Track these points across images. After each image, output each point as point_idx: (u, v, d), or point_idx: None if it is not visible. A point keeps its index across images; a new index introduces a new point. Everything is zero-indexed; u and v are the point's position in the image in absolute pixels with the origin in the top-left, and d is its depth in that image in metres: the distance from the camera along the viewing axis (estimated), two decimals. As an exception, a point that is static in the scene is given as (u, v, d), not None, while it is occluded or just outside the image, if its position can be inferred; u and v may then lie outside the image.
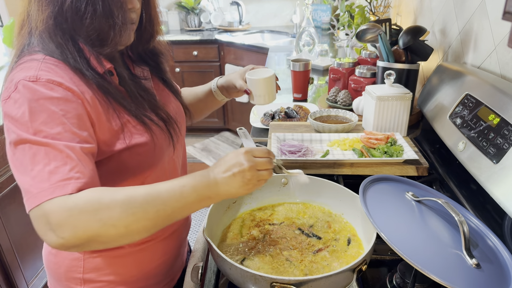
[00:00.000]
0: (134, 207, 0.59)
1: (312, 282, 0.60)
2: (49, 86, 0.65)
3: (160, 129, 0.80)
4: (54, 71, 0.67)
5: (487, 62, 1.11)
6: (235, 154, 0.65)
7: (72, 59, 0.70)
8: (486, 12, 1.11)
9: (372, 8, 2.13)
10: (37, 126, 0.62)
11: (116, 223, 0.58)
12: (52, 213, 0.57)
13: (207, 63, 3.57)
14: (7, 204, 1.78)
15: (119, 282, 0.86)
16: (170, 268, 0.95)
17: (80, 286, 0.84)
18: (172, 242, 0.93)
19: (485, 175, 0.83)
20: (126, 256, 0.85)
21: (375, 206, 0.71)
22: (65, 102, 0.65)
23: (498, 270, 0.64)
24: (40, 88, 0.64)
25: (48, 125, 0.62)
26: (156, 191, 0.61)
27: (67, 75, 0.68)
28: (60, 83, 0.66)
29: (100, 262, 0.83)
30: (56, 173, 0.59)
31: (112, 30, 0.71)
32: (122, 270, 0.85)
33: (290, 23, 3.87)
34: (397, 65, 1.31)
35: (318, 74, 2.20)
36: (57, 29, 0.70)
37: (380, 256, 0.80)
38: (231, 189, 0.63)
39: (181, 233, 0.97)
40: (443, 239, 0.67)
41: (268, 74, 0.89)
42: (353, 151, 1.08)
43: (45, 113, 0.63)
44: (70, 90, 0.67)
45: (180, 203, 0.62)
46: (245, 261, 0.73)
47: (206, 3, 3.76)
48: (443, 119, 1.10)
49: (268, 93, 0.91)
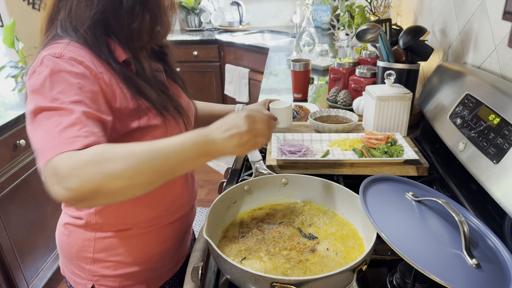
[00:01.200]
0: (136, 161, 0.60)
1: (312, 282, 0.60)
2: (71, 62, 0.71)
3: (172, 116, 0.85)
4: (77, 52, 0.74)
5: (487, 62, 1.11)
6: (236, 115, 0.67)
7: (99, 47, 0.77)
8: (486, 12, 1.11)
9: (372, 8, 2.13)
10: (54, 95, 0.67)
11: (119, 175, 0.59)
12: (59, 166, 0.59)
13: (207, 63, 3.57)
14: (7, 204, 1.78)
15: (127, 263, 0.90)
16: (175, 253, 0.99)
17: (90, 265, 0.89)
18: (178, 227, 0.98)
19: (485, 175, 0.83)
20: (134, 237, 0.89)
21: (375, 206, 0.71)
22: (83, 77, 0.71)
23: (498, 270, 0.64)
24: (62, 63, 0.70)
25: (64, 94, 0.67)
26: (158, 146, 0.63)
27: (89, 58, 0.75)
28: (81, 62, 0.72)
29: (110, 242, 0.88)
30: (65, 132, 0.63)
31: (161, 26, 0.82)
32: (130, 251, 0.90)
33: (290, 23, 3.87)
34: (397, 65, 1.31)
35: (318, 74, 2.20)
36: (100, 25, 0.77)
37: (380, 256, 0.80)
38: (228, 148, 0.65)
39: (187, 220, 1.01)
40: (443, 239, 0.67)
41: (287, 104, 1.11)
42: (353, 151, 1.08)
43: (63, 83, 0.68)
44: (89, 68, 0.73)
45: (181, 157, 0.63)
46: (245, 261, 0.73)
47: (206, 3, 3.76)
48: (443, 119, 1.10)
49: (288, 119, 1.11)
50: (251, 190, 0.89)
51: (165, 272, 0.98)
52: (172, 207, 0.94)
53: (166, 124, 0.83)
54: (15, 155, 1.82)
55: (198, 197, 3.20)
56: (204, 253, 0.88)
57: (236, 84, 3.40)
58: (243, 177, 1.09)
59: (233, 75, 3.41)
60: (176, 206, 0.95)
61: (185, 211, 0.99)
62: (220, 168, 3.35)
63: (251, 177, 0.95)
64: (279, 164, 1.04)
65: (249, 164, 1.16)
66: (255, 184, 0.89)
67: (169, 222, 0.94)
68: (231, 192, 0.85)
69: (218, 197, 0.82)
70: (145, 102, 0.81)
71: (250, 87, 3.31)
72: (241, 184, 0.88)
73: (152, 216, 0.91)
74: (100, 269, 0.89)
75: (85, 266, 0.90)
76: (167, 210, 0.93)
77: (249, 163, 1.16)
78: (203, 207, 2.82)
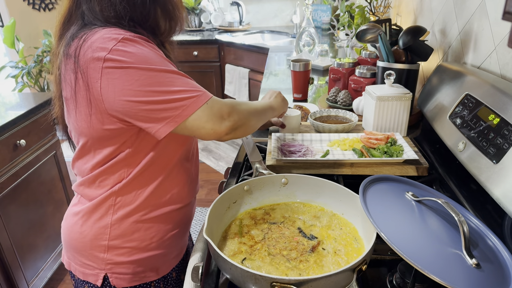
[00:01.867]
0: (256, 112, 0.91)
1: (312, 282, 0.60)
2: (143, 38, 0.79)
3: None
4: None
5: (487, 62, 1.11)
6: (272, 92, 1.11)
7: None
8: (486, 12, 1.11)
9: (372, 8, 2.13)
10: (161, 61, 0.77)
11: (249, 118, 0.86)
12: (222, 108, 0.79)
13: (207, 63, 3.57)
14: (7, 204, 1.78)
15: (141, 248, 0.91)
16: (181, 240, 1.02)
17: (104, 254, 0.90)
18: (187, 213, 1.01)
19: (485, 175, 0.83)
20: (148, 221, 0.92)
21: (375, 206, 0.71)
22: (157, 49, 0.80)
23: (498, 270, 0.64)
24: (139, 40, 0.77)
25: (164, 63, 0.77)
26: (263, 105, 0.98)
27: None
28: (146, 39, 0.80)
29: (126, 228, 0.90)
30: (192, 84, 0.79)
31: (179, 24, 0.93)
32: (145, 236, 0.91)
33: (290, 23, 3.87)
34: (397, 65, 1.31)
35: (318, 74, 2.20)
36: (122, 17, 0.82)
37: (380, 256, 0.80)
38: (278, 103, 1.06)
39: (192, 208, 1.05)
40: (443, 239, 0.67)
41: (297, 113, 1.24)
42: (353, 151, 1.08)
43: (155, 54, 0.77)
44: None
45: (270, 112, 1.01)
46: (245, 261, 0.73)
47: (206, 3, 3.76)
48: (443, 119, 1.10)
49: (297, 126, 1.25)
50: (251, 190, 0.89)
51: (173, 259, 1.00)
52: (184, 190, 0.97)
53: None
54: (15, 155, 1.82)
55: (198, 197, 3.20)
56: (204, 253, 0.88)
57: (236, 84, 3.41)
58: (243, 177, 1.09)
59: (233, 75, 3.41)
60: (187, 191, 0.98)
61: (192, 197, 1.02)
62: (220, 168, 3.35)
63: (251, 177, 0.96)
64: (279, 164, 1.05)
65: (249, 164, 1.16)
66: (255, 184, 0.89)
67: (180, 206, 0.96)
68: (231, 192, 0.85)
69: (218, 197, 0.82)
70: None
71: (250, 87, 3.32)
72: (241, 184, 0.88)
73: (166, 199, 0.93)
74: (115, 257, 0.90)
75: (98, 254, 0.90)
76: (180, 194, 0.96)
77: (249, 163, 1.16)
78: (203, 207, 2.82)
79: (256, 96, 3.18)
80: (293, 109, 1.27)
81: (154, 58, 0.76)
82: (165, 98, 0.75)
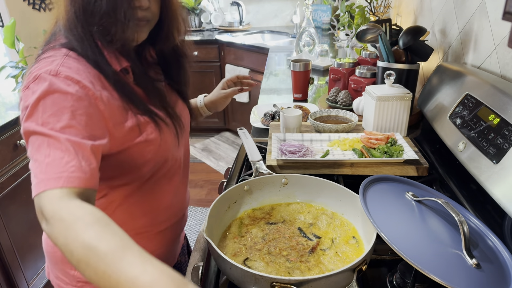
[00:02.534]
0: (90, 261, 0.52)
1: (312, 282, 0.60)
2: (67, 82, 0.68)
3: (166, 125, 0.83)
4: (75, 68, 0.70)
5: (487, 62, 1.11)
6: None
7: (91, 52, 0.74)
8: (486, 12, 1.11)
9: (372, 9, 2.13)
10: (46, 118, 0.64)
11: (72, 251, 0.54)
12: (45, 206, 0.59)
13: (208, 63, 3.57)
14: (8, 204, 1.78)
15: None
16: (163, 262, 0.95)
17: (75, 271, 0.87)
18: (167, 236, 0.96)
19: (485, 175, 0.83)
20: None
21: (375, 206, 0.71)
22: (78, 99, 0.68)
23: (498, 270, 0.64)
24: (58, 82, 0.67)
25: (55, 118, 0.65)
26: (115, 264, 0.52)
27: (85, 73, 0.72)
28: (78, 81, 0.69)
29: None
30: (52, 166, 0.61)
31: (114, 26, 0.73)
32: None
33: (290, 23, 3.87)
34: (397, 65, 1.31)
35: (318, 74, 2.20)
36: (78, 21, 0.73)
37: (380, 256, 0.80)
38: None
39: (176, 228, 0.99)
40: (443, 239, 0.67)
41: (298, 113, 1.21)
42: (353, 151, 1.08)
43: (56, 106, 0.65)
44: (86, 89, 0.70)
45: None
46: (245, 261, 0.73)
47: (206, 3, 3.76)
48: (443, 119, 1.10)
49: (298, 126, 1.21)
50: (251, 190, 0.89)
51: None
52: (161, 216, 0.92)
53: (161, 135, 0.82)
54: (15, 155, 1.82)
55: (198, 197, 3.19)
56: (204, 253, 0.88)
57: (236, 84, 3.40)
58: (243, 177, 1.09)
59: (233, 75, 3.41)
60: (166, 215, 0.94)
61: (175, 220, 0.97)
62: (220, 168, 3.35)
63: (251, 177, 0.95)
64: (279, 164, 1.05)
65: (249, 164, 1.16)
66: (255, 184, 0.89)
67: (158, 231, 0.92)
68: (231, 192, 0.85)
69: (218, 197, 0.82)
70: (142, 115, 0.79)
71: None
72: (241, 184, 0.88)
73: (140, 225, 0.89)
74: None
75: (69, 271, 0.87)
76: (156, 219, 0.91)
77: (249, 163, 1.16)
78: (203, 207, 2.82)
79: (256, 96, 3.18)
80: (294, 109, 1.27)
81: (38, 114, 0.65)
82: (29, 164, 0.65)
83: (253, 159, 1.02)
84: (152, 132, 0.81)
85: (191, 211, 2.78)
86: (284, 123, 1.23)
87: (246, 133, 1.15)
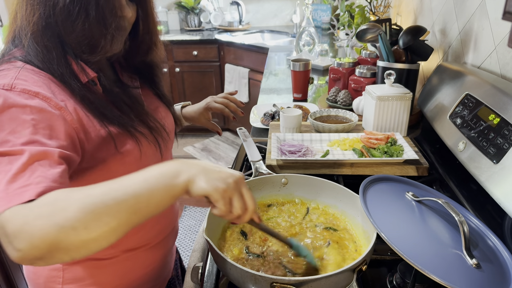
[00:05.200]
0: (91, 203, 0.50)
1: (312, 282, 0.60)
2: (23, 95, 0.62)
3: (144, 137, 0.79)
4: (32, 80, 0.65)
5: (487, 62, 1.11)
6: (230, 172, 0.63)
7: (56, 65, 0.68)
8: (486, 12, 1.11)
9: (372, 8, 2.13)
10: (4, 137, 0.58)
11: (74, 224, 0.49)
12: (8, 223, 0.50)
13: (207, 63, 3.57)
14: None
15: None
16: (157, 278, 0.93)
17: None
18: (159, 251, 0.92)
19: (485, 175, 0.83)
20: (109, 266, 0.82)
21: (375, 206, 0.71)
22: (38, 112, 0.62)
23: (498, 270, 0.64)
24: (13, 96, 0.61)
25: (15, 135, 0.58)
26: (118, 180, 0.53)
27: (46, 85, 0.66)
28: (36, 93, 0.63)
29: (81, 272, 0.80)
30: (15, 182, 0.54)
31: (103, 37, 0.70)
32: (105, 280, 0.83)
33: (290, 23, 3.86)
34: (397, 65, 1.31)
35: (318, 74, 2.20)
36: (46, 32, 0.68)
37: (380, 256, 0.80)
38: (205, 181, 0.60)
39: (168, 242, 0.95)
40: (443, 239, 0.67)
41: (298, 112, 1.21)
42: (353, 151, 1.08)
43: (14, 122, 0.59)
44: (47, 100, 0.64)
45: (143, 190, 0.53)
46: (245, 261, 0.73)
47: (206, 3, 3.75)
48: (443, 119, 1.10)
49: (298, 126, 1.21)
50: (251, 190, 0.89)
51: None
52: (151, 232, 0.88)
53: (139, 146, 0.77)
54: None
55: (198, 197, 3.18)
56: (204, 253, 0.88)
57: (236, 84, 3.40)
58: (243, 177, 1.09)
59: (233, 75, 3.41)
60: (156, 231, 0.90)
61: (165, 234, 0.93)
62: (220, 168, 3.34)
63: (251, 177, 0.95)
64: (279, 164, 1.04)
65: (248, 164, 1.16)
66: (255, 184, 0.89)
67: (149, 246, 0.88)
68: (231, 192, 0.85)
69: (218, 197, 0.81)
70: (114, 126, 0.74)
71: (250, 87, 3.31)
72: (241, 184, 0.87)
73: (131, 243, 0.85)
74: None
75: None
76: (146, 236, 0.87)
77: (249, 163, 1.16)
78: (203, 207, 2.82)
79: (256, 96, 3.18)
80: (294, 109, 1.27)
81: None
82: None
83: (252, 159, 1.01)
84: (128, 143, 0.76)
85: (191, 211, 2.78)
86: (284, 123, 1.23)
87: (246, 133, 1.15)
